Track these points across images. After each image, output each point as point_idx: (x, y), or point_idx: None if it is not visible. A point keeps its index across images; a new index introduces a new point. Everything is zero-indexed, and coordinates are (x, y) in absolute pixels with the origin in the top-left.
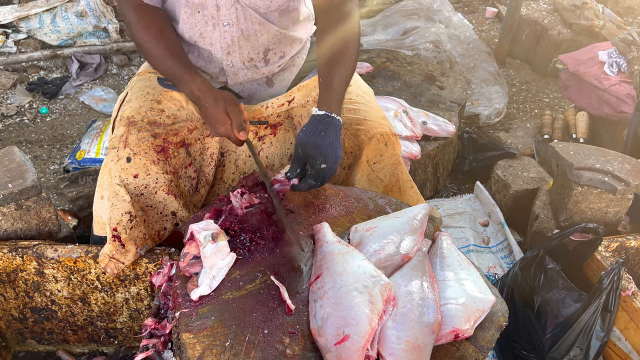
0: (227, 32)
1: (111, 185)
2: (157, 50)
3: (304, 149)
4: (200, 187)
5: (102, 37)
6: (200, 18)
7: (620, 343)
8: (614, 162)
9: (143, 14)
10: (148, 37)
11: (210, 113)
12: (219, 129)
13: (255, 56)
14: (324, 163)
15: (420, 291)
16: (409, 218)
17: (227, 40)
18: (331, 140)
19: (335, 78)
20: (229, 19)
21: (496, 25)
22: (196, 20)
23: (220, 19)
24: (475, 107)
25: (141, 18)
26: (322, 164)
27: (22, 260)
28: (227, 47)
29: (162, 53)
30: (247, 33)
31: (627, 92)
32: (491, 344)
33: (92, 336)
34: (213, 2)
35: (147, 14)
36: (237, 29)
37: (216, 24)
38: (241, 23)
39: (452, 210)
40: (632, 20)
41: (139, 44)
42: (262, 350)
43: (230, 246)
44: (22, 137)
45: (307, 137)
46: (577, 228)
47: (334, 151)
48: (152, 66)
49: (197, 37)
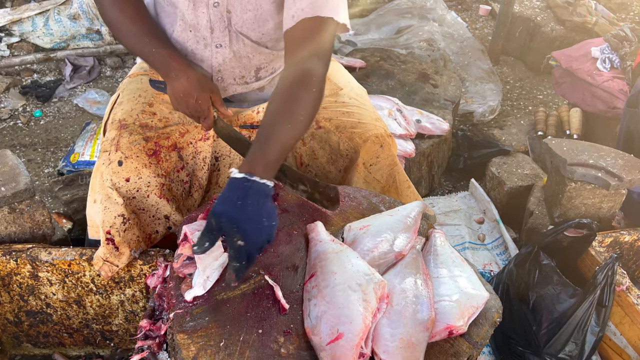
0: (218, 52)
1: (103, 189)
2: (133, 29)
3: (218, 221)
4: (194, 191)
5: (96, 40)
6: (192, 37)
7: (615, 338)
8: (607, 157)
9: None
10: (123, 19)
11: (183, 87)
12: (187, 101)
13: (247, 74)
14: (241, 240)
15: (414, 288)
16: (403, 216)
17: (218, 60)
18: (250, 211)
19: (272, 135)
20: (221, 40)
21: (490, 22)
22: (188, 37)
23: (213, 40)
24: (470, 104)
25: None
26: (239, 240)
27: (16, 263)
28: (218, 66)
29: (138, 31)
30: (239, 55)
31: (619, 88)
32: (485, 340)
33: (87, 339)
34: (207, 25)
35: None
36: (230, 51)
37: (208, 44)
38: (234, 45)
39: (447, 207)
40: (624, 16)
41: (114, 25)
42: (257, 349)
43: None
44: (16, 141)
45: (221, 207)
46: (571, 224)
47: (256, 224)
48: (127, 47)
49: (188, 52)
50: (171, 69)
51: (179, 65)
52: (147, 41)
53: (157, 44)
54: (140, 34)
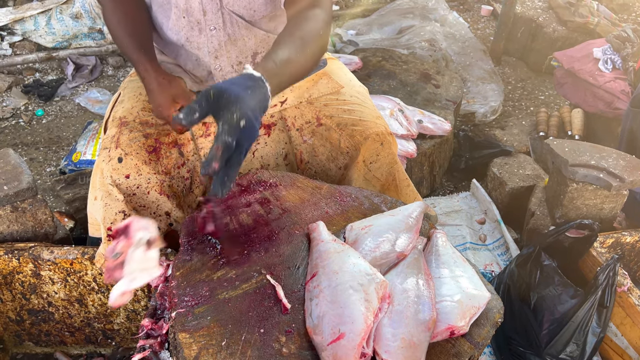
0: (213, 36)
1: (104, 185)
2: (118, 31)
3: (219, 95)
4: (195, 188)
5: (98, 39)
6: (186, 23)
7: (616, 339)
8: (609, 158)
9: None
10: (115, 19)
11: (154, 97)
12: (162, 112)
13: (244, 60)
14: (242, 119)
15: (416, 289)
16: (404, 216)
17: (214, 44)
18: (254, 103)
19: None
20: (215, 23)
21: (491, 23)
22: (182, 25)
23: (207, 23)
24: (471, 105)
25: (112, 1)
26: (241, 119)
27: (18, 262)
28: (215, 52)
29: (122, 34)
30: (234, 37)
31: (621, 88)
32: (487, 341)
33: (89, 337)
34: (199, 7)
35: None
36: (224, 34)
37: (202, 28)
38: (227, 28)
39: (449, 208)
40: (626, 17)
41: (108, 26)
42: (259, 349)
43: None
44: (18, 140)
45: (228, 85)
46: (573, 224)
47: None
48: (117, 46)
49: (184, 41)
50: (142, 80)
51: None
52: (126, 45)
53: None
54: (123, 38)
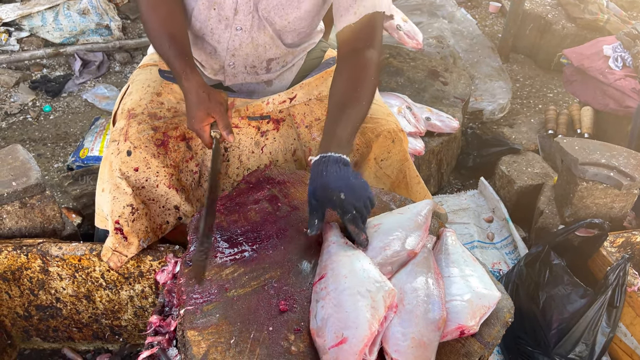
0: (237, 35)
1: (112, 178)
2: (159, 32)
3: (315, 196)
4: (203, 182)
5: (105, 35)
6: (215, 15)
7: (626, 339)
8: (619, 157)
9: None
10: (155, 18)
11: (191, 109)
12: (194, 125)
13: (259, 65)
14: (341, 193)
15: (426, 288)
16: (414, 214)
17: (235, 43)
18: (335, 173)
19: (340, 123)
20: (243, 24)
21: (500, 20)
22: (210, 15)
23: (235, 22)
24: (479, 102)
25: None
26: (341, 195)
27: (26, 258)
28: (233, 50)
29: (163, 37)
30: (256, 42)
31: (632, 86)
32: (497, 341)
33: (97, 334)
34: (232, 6)
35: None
36: (249, 36)
37: (229, 25)
38: (254, 32)
39: (456, 206)
40: (636, 14)
41: (145, 21)
42: (267, 347)
43: (235, 243)
44: (26, 135)
45: (312, 185)
46: (583, 224)
47: (345, 180)
48: (153, 46)
49: (207, 31)
50: (182, 89)
51: (188, 85)
52: (166, 49)
53: (174, 55)
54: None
